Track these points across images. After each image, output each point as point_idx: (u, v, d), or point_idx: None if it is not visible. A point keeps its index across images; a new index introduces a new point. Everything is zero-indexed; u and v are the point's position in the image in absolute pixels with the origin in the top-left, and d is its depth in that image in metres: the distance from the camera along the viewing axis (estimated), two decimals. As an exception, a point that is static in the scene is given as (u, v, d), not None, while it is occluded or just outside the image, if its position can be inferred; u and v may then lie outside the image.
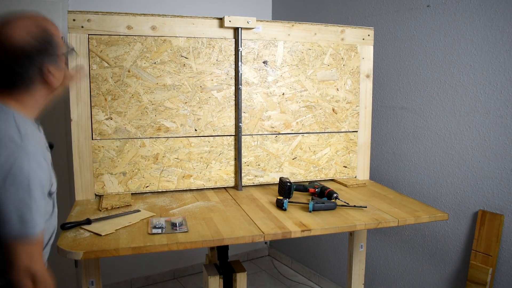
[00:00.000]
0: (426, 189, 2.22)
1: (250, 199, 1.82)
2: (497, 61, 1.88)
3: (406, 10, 2.27)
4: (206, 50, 1.86)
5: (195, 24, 1.84)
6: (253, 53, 1.93)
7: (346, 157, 2.15)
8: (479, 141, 1.97)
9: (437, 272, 2.19)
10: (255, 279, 3.13)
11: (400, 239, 2.39)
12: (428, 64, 2.18)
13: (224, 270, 1.74)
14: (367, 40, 2.10)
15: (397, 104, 2.36)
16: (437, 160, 2.16)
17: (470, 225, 2.02)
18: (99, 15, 1.70)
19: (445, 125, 2.11)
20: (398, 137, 2.36)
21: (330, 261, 2.93)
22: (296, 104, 2.03)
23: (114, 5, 2.58)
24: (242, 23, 1.87)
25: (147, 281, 3.00)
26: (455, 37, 2.05)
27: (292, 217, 1.59)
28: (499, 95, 1.88)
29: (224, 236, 1.40)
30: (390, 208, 1.71)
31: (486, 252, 1.91)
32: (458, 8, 2.02)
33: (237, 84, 1.92)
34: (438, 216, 1.67)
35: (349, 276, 2.07)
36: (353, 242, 2.01)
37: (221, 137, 1.94)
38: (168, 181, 1.88)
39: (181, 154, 1.88)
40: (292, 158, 2.06)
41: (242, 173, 1.98)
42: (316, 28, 2.01)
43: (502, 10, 1.85)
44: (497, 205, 1.90)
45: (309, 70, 2.02)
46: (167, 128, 1.85)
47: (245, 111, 1.95)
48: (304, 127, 2.06)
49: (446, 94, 2.10)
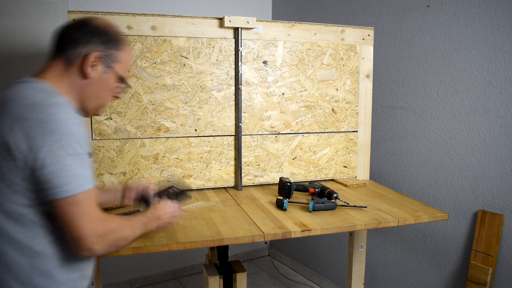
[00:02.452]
0: (426, 189, 2.22)
1: (250, 199, 1.82)
2: (497, 61, 1.88)
3: (406, 10, 2.27)
4: (206, 50, 1.86)
5: (195, 24, 1.84)
6: (253, 53, 1.93)
7: (346, 157, 2.15)
8: (479, 141, 1.97)
9: (437, 272, 2.19)
10: (255, 279, 3.13)
11: (400, 239, 2.39)
12: (428, 64, 2.18)
13: (224, 270, 1.74)
14: (367, 40, 2.10)
15: (397, 104, 2.36)
16: (437, 160, 2.16)
17: (470, 225, 2.02)
18: (99, 15, 1.70)
19: (445, 125, 2.11)
20: (398, 137, 2.36)
21: (330, 261, 2.93)
22: (296, 104, 2.03)
23: (114, 5, 2.58)
24: (242, 23, 1.87)
25: (147, 281, 3.01)
26: (455, 37, 2.05)
27: (292, 217, 1.59)
28: (499, 95, 1.88)
29: (224, 236, 1.40)
30: (390, 208, 1.71)
31: (486, 252, 1.91)
32: (458, 8, 2.02)
33: (237, 84, 1.92)
34: (438, 216, 1.67)
35: (349, 276, 2.07)
36: (353, 242, 2.01)
37: (221, 137, 1.94)
38: (168, 181, 1.87)
39: (181, 154, 1.88)
40: (292, 158, 2.06)
41: (242, 173, 1.98)
42: (316, 28, 2.01)
43: (502, 10, 1.85)
44: (497, 205, 1.90)
45: (308, 70, 2.02)
46: (167, 128, 1.85)
47: (245, 111, 1.95)
48: (304, 127, 2.06)
49: (446, 94, 2.10)
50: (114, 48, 1.16)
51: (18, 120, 0.96)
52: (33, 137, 0.95)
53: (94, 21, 1.15)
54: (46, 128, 0.96)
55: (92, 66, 1.11)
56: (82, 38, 1.11)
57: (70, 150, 0.98)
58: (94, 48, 1.12)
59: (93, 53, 1.11)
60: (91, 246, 1.00)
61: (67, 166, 0.97)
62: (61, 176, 0.97)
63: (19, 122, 0.96)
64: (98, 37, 1.13)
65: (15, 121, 0.96)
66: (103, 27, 1.15)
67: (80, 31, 1.12)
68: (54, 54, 1.13)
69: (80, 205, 0.99)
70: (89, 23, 1.14)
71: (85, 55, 1.11)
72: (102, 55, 1.13)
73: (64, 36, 1.12)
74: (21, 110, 0.98)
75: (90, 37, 1.12)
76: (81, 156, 1.01)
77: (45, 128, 0.96)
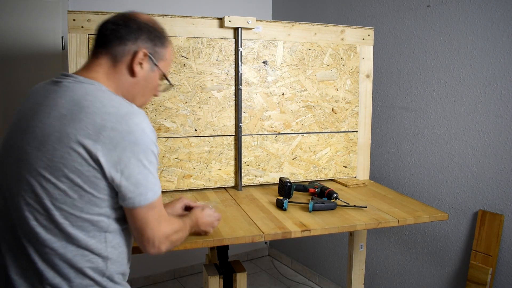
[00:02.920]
0: (426, 189, 2.22)
1: (250, 199, 1.82)
2: (497, 61, 1.88)
3: (406, 10, 2.27)
4: (206, 50, 1.86)
5: (195, 24, 1.84)
6: (253, 53, 1.93)
7: (346, 157, 2.15)
8: (479, 141, 1.97)
9: (437, 272, 2.19)
10: (255, 279, 3.13)
11: (400, 239, 2.39)
12: (428, 64, 2.18)
13: (224, 270, 1.74)
14: (367, 40, 2.10)
15: (397, 104, 2.36)
16: (437, 160, 2.16)
17: (470, 225, 2.02)
18: (99, 15, 1.70)
19: (445, 125, 2.11)
20: (398, 137, 2.36)
21: (330, 261, 2.93)
22: (296, 104, 2.03)
23: (114, 5, 2.58)
24: (242, 23, 1.87)
25: (147, 281, 3.01)
26: (455, 37, 2.05)
27: (292, 217, 1.58)
28: (499, 95, 1.88)
29: (224, 236, 1.40)
30: (390, 208, 1.71)
31: (486, 252, 1.91)
32: (458, 8, 2.02)
33: (237, 84, 1.92)
34: (438, 216, 1.67)
35: (349, 276, 2.06)
36: (353, 242, 2.01)
37: (221, 137, 1.94)
38: (168, 181, 1.88)
39: (181, 154, 1.88)
40: (292, 158, 2.06)
41: (242, 173, 1.98)
42: (316, 28, 2.01)
43: (502, 10, 1.85)
44: (497, 205, 1.90)
45: (308, 70, 2.02)
46: (167, 128, 1.85)
47: (245, 111, 1.95)
48: (304, 127, 2.06)
49: (446, 94, 2.10)
50: (160, 46, 1.13)
51: (105, 129, 0.96)
52: (119, 147, 0.96)
53: (141, 17, 1.12)
54: (132, 138, 0.97)
55: (139, 63, 1.10)
56: (131, 35, 1.08)
57: (150, 159, 1.01)
58: (142, 45, 1.09)
59: (142, 50, 1.09)
60: (159, 246, 1.05)
61: (149, 175, 1.00)
62: (143, 185, 0.99)
63: (106, 131, 0.95)
64: (146, 34, 1.10)
65: (102, 130, 0.95)
66: (151, 24, 1.12)
67: (128, 27, 1.08)
68: (99, 50, 1.10)
69: (155, 209, 1.03)
70: (136, 18, 1.11)
71: (134, 52, 1.08)
72: (149, 52, 1.10)
73: (111, 32, 1.08)
74: (104, 120, 0.96)
75: (138, 34, 1.09)
76: (156, 163, 1.04)
77: (130, 139, 0.97)
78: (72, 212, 0.97)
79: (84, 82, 1.04)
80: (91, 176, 0.96)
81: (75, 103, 0.99)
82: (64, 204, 0.97)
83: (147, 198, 1.00)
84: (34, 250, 0.99)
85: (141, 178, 0.99)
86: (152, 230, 1.03)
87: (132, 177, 0.98)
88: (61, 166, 0.95)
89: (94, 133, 0.95)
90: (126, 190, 0.98)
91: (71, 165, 0.95)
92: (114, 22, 1.09)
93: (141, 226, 1.02)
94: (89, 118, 0.96)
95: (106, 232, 1.02)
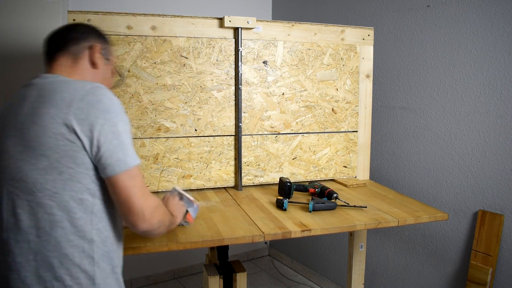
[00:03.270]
0: (426, 189, 2.22)
1: (250, 199, 1.82)
2: (497, 61, 1.88)
3: (406, 10, 2.27)
4: (206, 50, 1.86)
5: (195, 24, 1.84)
6: (253, 53, 1.93)
7: (346, 157, 2.15)
8: (479, 141, 1.97)
9: (437, 272, 2.19)
10: (255, 279, 3.13)
11: (400, 239, 2.39)
12: (428, 64, 2.18)
13: (224, 270, 1.74)
14: (367, 40, 2.10)
15: (397, 104, 2.36)
16: (437, 160, 2.16)
17: (470, 225, 2.02)
18: (99, 15, 1.70)
19: (445, 125, 2.11)
20: (398, 137, 2.36)
21: (330, 261, 2.93)
22: (296, 104, 2.03)
23: (114, 5, 2.58)
24: (242, 23, 1.87)
25: (147, 281, 3.01)
26: (455, 37, 2.05)
27: (292, 217, 1.58)
28: (499, 95, 1.88)
29: (224, 236, 1.40)
30: (390, 208, 1.71)
31: (486, 252, 1.91)
32: (458, 8, 2.02)
33: (237, 84, 1.92)
34: (438, 216, 1.67)
35: (349, 276, 2.07)
36: (353, 242, 2.01)
37: (221, 137, 1.94)
38: (168, 181, 1.88)
39: (181, 154, 1.88)
40: (292, 158, 2.06)
41: (242, 173, 1.98)
42: (316, 28, 2.01)
43: (502, 10, 1.85)
44: (497, 205, 1.90)
45: (308, 70, 2.02)
46: (167, 128, 1.85)
47: (245, 111, 1.95)
48: (304, 127, 2.06)
49: (446, 94, 2.10)
50: (107, 43, 1.25)
51: (74, 101, 1.00)
52: (91, 115, 0.99)
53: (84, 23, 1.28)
54: (102, 106, 1.01)
55: (97, 54, 1.19)
56: (82, 35, 1.18)
57: (124, 126, 1.04)
58: (94, 42, 1.19)
59: (97, 44, 1.19)
60: (150, 218, 1.04)
61: (124, 141, 1.03)
62: (120, 150, 1.01)
63: (76, 102, 1.00)
64: (95, 33, 1.22)
65: (72, 102, 1.00)
66: (94, 27, 1.25)
67: (77, 30, 1.19)
68: (55, 54, 1.17)
69: (137, 178, 1.04)
70: (81, 24, 1.25)
71: (90, 46, 1.18)
72: (102, 47, 1.21)
73: (63, 36, 1.18)
74: (72, 95, 1.01)
75: (88, 34, 1.20)
76: (130, 133, 1.06)
77: (100, 107, 1.00)
78: (55, 191, 0.99)
79: (50, 77, 1.11)
80: (69, 150, 0.99)
81: (43, 90, 1.06)
82: (46, 183, 0.99)
83: (127, 163, 1.01)
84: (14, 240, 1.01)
85: (117, 144, 1.01)
86: (139, 201, 1.02)
87: (108, 143, 1.00)
88: (37, 145, 0.99)
89: (65, 107, 1.00)
90: (105, 157, 1.00)
91: (47, 142, 0.98)
92: (63, 30, 1.20)
93: (127, 198, 1.02)
94: (57, 96, 1.02)
95: (92, 213, 1.03)
